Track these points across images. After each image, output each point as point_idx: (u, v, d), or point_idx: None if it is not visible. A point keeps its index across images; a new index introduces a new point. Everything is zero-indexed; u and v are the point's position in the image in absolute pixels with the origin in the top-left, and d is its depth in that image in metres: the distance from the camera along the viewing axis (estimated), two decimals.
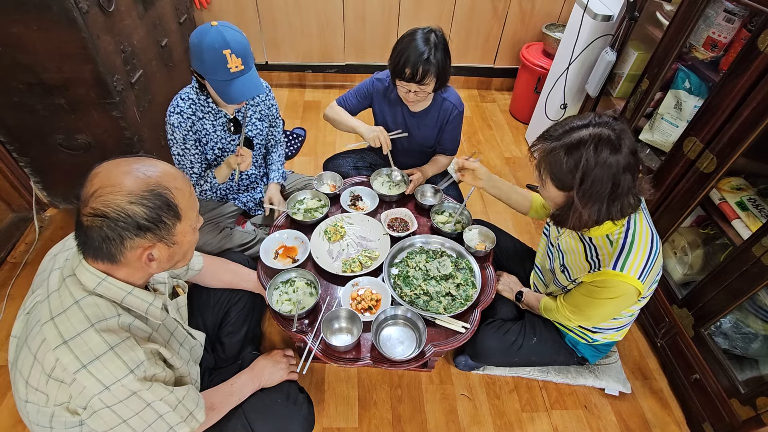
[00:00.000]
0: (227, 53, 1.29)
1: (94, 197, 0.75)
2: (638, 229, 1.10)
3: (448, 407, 1.56)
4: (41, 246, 2.00)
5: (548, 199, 1.14)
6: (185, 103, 1.45)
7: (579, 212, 1.03)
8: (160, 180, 0.80)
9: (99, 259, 0.80)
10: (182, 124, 1.44)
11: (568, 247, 1.26)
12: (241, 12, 2.81)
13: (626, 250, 1.07)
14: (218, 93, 1.37)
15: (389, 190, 1.76)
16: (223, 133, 1.55)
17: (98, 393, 0.76)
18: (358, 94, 1.76)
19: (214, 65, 1.30)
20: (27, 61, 1.52)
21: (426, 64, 1.43)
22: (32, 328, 0.80)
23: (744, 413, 1.30)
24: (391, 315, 1.33)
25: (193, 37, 1.31)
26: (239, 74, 1.34)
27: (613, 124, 1.00)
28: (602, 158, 0.97)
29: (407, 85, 1.50)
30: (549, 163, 1.04)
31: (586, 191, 1.00)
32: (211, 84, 1.36)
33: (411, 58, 1.43)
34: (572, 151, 0.99)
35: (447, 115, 1.71)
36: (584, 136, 0.98)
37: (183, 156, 1.51)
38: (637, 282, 1.07)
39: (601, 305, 1.16)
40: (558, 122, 1.07)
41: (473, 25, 2.95)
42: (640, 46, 1.92)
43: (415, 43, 1.44)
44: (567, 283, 1.28)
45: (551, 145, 1.03)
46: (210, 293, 1.42)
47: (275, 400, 1.21)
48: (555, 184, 1.06)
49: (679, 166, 1.53)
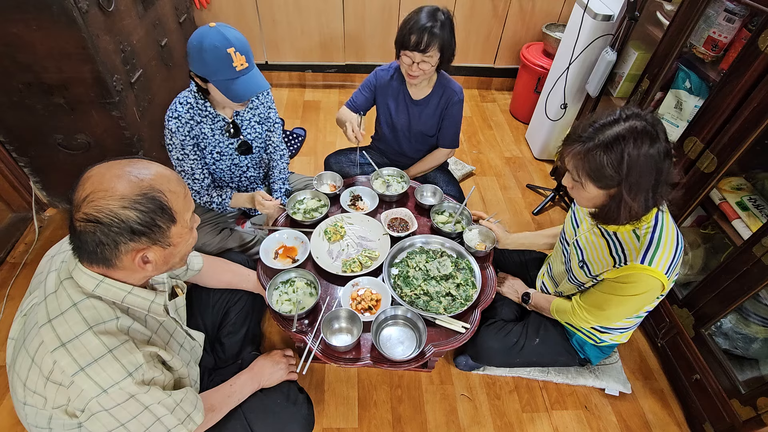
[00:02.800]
0: (231, 51, 1.28)
1: (87, 202, 0.74)
2: (665, 226, 1.10)
3: (448, 407, 1.56)
4: (41, 246, 2.00)
5: (587, 200, 1.12)
6: (183, 107, 1.43)
7: (629, 205, 1.03)
8: (153, 183, 0.79)
9: (94, 263, 0.80)
10: (180, 128, 1.43)
11: (588, 244, 1.25)
12: (241, 12, 2.81)
13: (654, 245, 1.08)
14: (225, 93, 1.34)
15: (389, 190, 1.76)
16: (222, 137, 1.54)
17: (96, 396, 0.76)
18: (363, 89, 1.79)
19: (219, 65, 1.29)
20: (27, 61, 1.52)
21: (431, 34, 1.48)
22: (30, 331, 0.80)
23: (744, 413, 1.30)
24: (391, 315, 1.33)
25: (192, 40, 1.29)
26: (245, 71, 1.33)
27: (644, 115, 1.00)
28: (644, 150, 0.97)
29: (411, 55, 1.53)
30: (589, 164, 1.03)
31: (634, 184, 1.00)
32: (216, 85, 1.33)
33: (416, 27, 1.48)
34: (612, 148, 0.98)
35: (448, 101, 1.74)
36: (620, 132, 0.98)
37: (182, 161, 1.50)
38: (663, 277, 1.07)
39: (624, 302, 1.15)
40: (583, 122, 1.06)
41: (473, 25, 2.95)
42: (640, 46, 1.92)
43: (422, 14, 1.50)
44: (586, 279, 1.26)
45: (586, 146, 1.02)
46: (210, 293, 1.42)
47: (275, 400, 1.21)
48: (597, 185, 1.05)
49: (679, 166, 1.53)
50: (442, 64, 1.60)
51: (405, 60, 1.58)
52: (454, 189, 1.93)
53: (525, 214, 2.36)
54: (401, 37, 1.53)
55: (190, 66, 1.35)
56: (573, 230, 1.34)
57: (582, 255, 1.27)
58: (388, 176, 1.82)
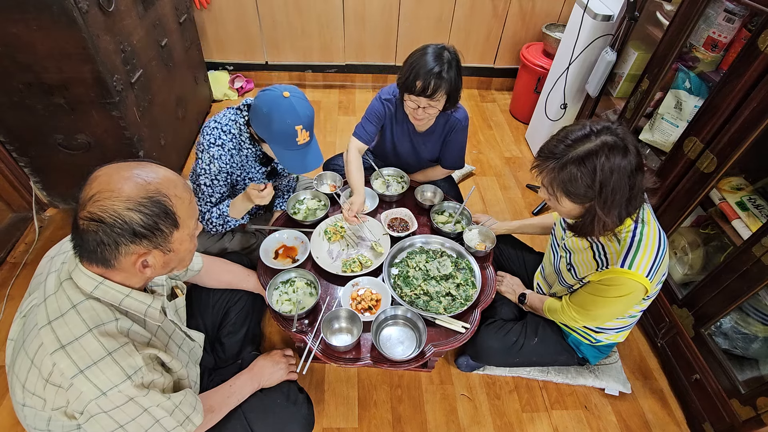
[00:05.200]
0: (299, 128, 1.29)
1: (92, 201, 0.75)
2: (646, 228, 1.10)
3: (448, 407, 1.56)
4: (41, 246, 2.00)
5: (563, 213, 1.14)
6: (227, 136, 1.40)
7: (603, 220, 1.04)
8: (160, 187, 0.79)
9: (93, 263, 0.80)
10: (223, 156, 1.40)
11: (575, 247, 1.26)
12: (241, 12, 2.81)
13: (634, 248, 1.08)
14: (281, 161, 1.37)
15: (388, 189, 1.76)
16: (255, 164, 1.53)
17: (95, 398, 0.76)
18: (371, 119, 1.69)
19: (284, 139, 1.30)
20: (27, 61, 1.52)
21: (438, 79, 1.40)
22: (29, 332, 0.80)
23: (744, 413, 1.30)
24: (391, 315, 1.33)
25: (262, 103, 1.29)
26: (305, 146, 1.35)
27: (614, 129, 1.01)
28: (615, 164, 0.98)
29: (416, 100, 1.45)
30: (562, 180, 1.03)
31: (607, 199, 1.01)
32: (275, 152, 1.36)
33: (422, 72, 1.40)
34: (584, 163, 0.99)
35: (452, 128, 1.68)
36: (592, 147, 0.99)
37: (210, 187, 1.45)
38: (644, 280, 1.08)
39: (608, 304, 1.16)
40: (554, 138, 1.07)
41: (473, 25, 2.95)
42: (640, 46, 1.92)
43: (427, 57, 1.41)
44: (573, 282, 1.28)
45: (559, 162, 1.03)
46: (209, 293, 1.42)
47: (275, 400, 1.21)
48: (571, 199, 1.06)
49: (679, 166, 1.53)
50: (449, 104, 1.53)
51: (410, 104, 1.49)
52: (453, 191, 1.93)
53: (525, 214, 2.36)
54: (405, 80, 1.44)
55: (251, 121, 1.36)
56: (562, 232, 1.34)
57: (569, 258, 1.29)
58: (388, 176, 1.82)
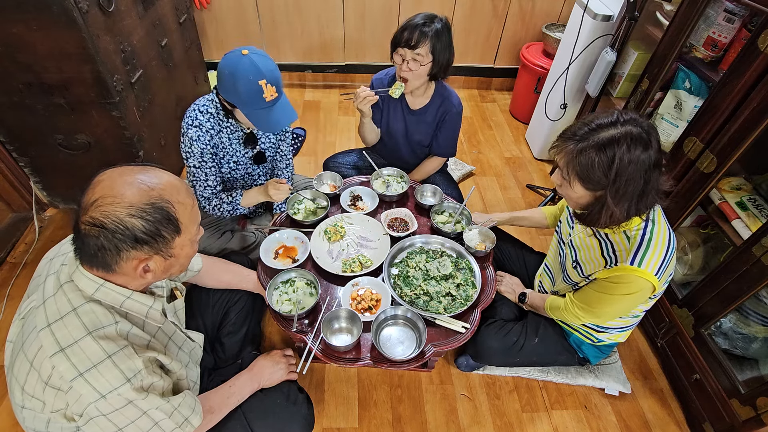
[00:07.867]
0: (263, 83, 1.28)
1: (95, 206, 0.74)
2: (656, 227, 1.10)
3: (448, 407, 1.56)
4: (41, 246, 2.00)
5: (572, 199, 1.12)
6: (204, 116, 1.41)
7: (611, 210, 1.03)
8: (163, 193, 0.79)
9: (94, 267, 0.80)
10: (201, 137, 1.41)
11: (582, 244, 1.26)
12: (241, 12, 2.81)
13: (644, 246, 1.08)
14: (254, 122, 1.35)
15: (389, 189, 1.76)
16: (239, 147, 1.53)
17: (94, 401, 0.76)
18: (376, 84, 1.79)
19: (251, 96, 1.29)
20: (27, 61, 1.52)
21: (422, 33, 1.49)
22: (29, 335, 0.80)
23: (744, 413, 1.30)
24: (391, 315, 1.33)
25: (223, 66, 1.28)
26: (273, 102, 1.34)
27: (640, 122, 1.00)
28: (635, 156, 0.97)
29: (402, 52, 1.55)
30: (579, 163, 1.02)
31: (620, 189, 1.00)
32: (245, 113, 1.34)
33: (409, 26, 1.52)
34: (604, 150, 0.98)
35: (445, 111, 1.73)
36: (615, 135, 0.98)
37: (199, 169, 1.47)
38: (653, 278, 1.07)
39: (615, 301, 1.16)
40: (580, 121, 1.06)
41: (473, 25, 2.95)
42: (640, 46, 1.92)
43: (418, 16, 1.54)
44: (579, 279, 1.27)
45: (579, 145, 1.02)
46: (209, 293, 1.42)
47: (275, 400, 1.21)
48: (584, 185, 1.05)
49: (679, 166, 1.53)
50: (436, 70, 1.58)
51: (396, 59, 1.59)
52: (453, 191, 1.93)
53: None
54: (395, 36, 1.56)
55: (218, 88, 1.35)
56: (569, 229, 1.34)
57: (576, 255, 1.28)
58: (388, 176, 1.82)
